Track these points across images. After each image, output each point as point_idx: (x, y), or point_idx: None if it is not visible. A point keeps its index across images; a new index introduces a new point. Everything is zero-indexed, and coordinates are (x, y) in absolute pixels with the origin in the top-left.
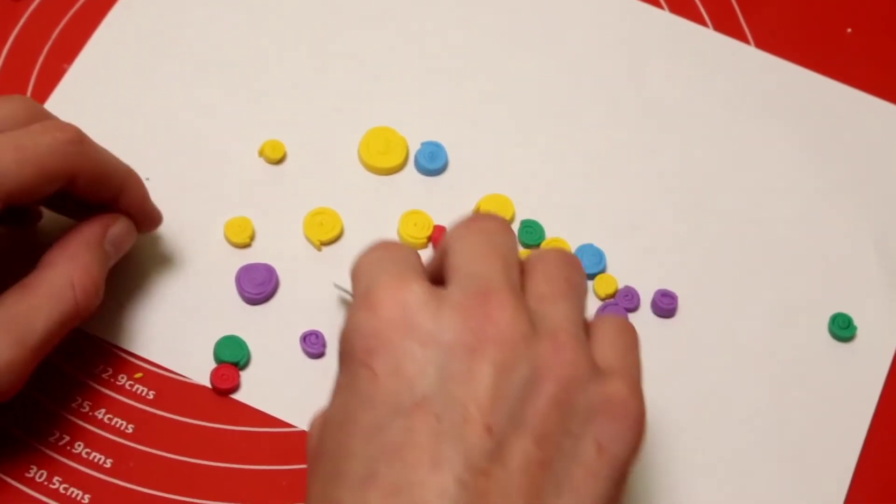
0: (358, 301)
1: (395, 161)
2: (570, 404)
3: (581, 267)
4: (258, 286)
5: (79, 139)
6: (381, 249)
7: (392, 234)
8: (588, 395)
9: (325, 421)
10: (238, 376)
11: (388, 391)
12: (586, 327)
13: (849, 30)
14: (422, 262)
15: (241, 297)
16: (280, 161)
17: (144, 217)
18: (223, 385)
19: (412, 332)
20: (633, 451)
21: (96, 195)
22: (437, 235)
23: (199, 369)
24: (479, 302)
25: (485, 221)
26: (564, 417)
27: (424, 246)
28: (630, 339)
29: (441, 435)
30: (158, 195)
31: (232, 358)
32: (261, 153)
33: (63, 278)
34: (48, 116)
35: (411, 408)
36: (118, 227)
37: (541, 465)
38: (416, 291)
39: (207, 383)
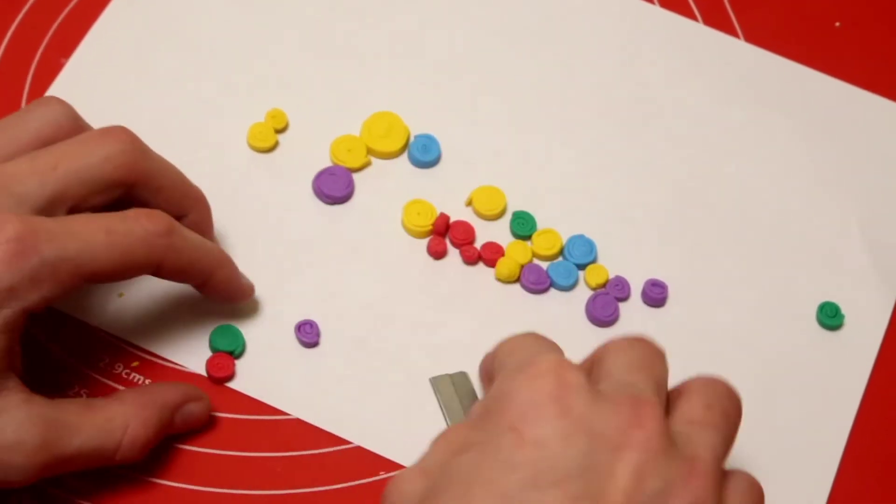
0: (517, 368)
1: (394, 146)
2: None
3: (740, 404)
4: None
5: (167, 231)
6: (536, 336)
7: (395, 224)
8: None
9: (444, 473)
10: (233, 365)
11: (532, 460)
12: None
13: (837, 23)
14: None
15: None
16: (272, 149)
17: (231, 297)
18: (218, 374)
19: (567, 412)
20: None
21: (182, 280)
22: (440, 224)
23: (194, 358)
24: (633, 404)
25: (647, 344)
26: None
27: (427, 235)
28: (758, 499)
29: None
30: None
31: (227, 347)
32: (249, 141)
33: (121, 419)
34: (86, 127)
35: (550, 484)
36: (196, 407)
37: None
38: (577, 375)
39: (203, 372)
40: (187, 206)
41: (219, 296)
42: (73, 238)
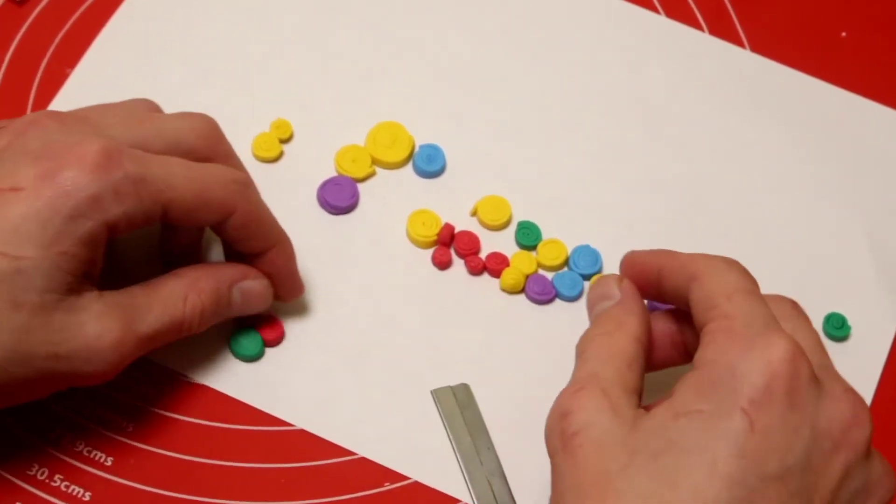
0: (748, 341)
1: (399, 156)
2: None
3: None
4: None
5: (245, 182)
6: (744, 274)
7: (400, 235)
8: None
9: (660, 431)
10: (283, 326)
11: (759, 449)
12: None
13: (843, 33)
14: None
15: None
16: (277, 159)
17: (285, 284)
18: (270, 336)
19: (797, 406)
20: None
21: (245, 242)
22: (445, 235)
23: (198, 369)
24: (853, 405)
25: (801, 310)
26: None
27: (432, 245)
28: None
29: None
30: None
31: (249, 351)
32: (254, 151)
33: (180, 290)
34: (227, 148)
35: (774, 476)
36: (255, 283)
37: None
38: (808, 367)
39: (206, 382)
40: (274, 243)
41: (275, 274)
42: (156, 163)
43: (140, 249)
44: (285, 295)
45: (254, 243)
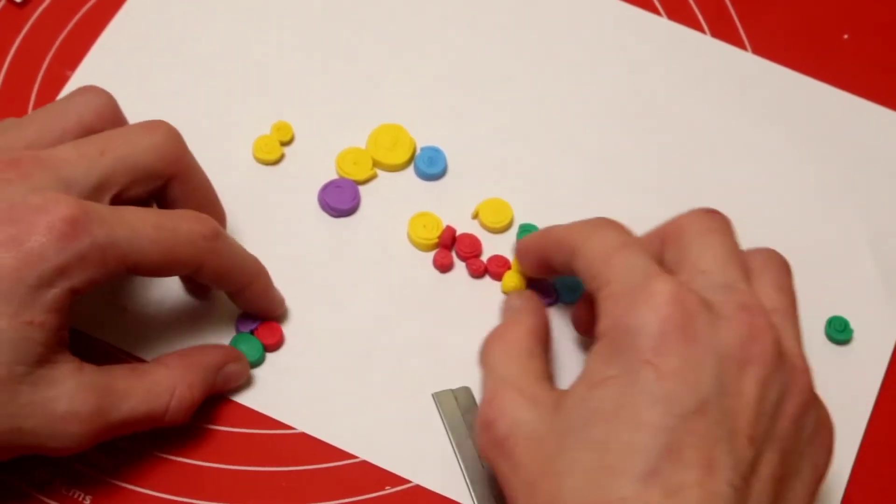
0: (632, 295)
1: (400, 159)
2: (803, 425)
3: (792, 275)
4: None
5: (213, 235)
6: (618, 228)
7: (401, 237)
8: (811, 417)
9: (582, 406)
10: (282, 331)
11: (672, 392)
12: None
13: (846, 36)
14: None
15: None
16: (278, 161)
17: (265, 310)
18: (270, 340)
19: (693, 338)
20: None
21: (219, 286)
22: (447, 237)
23: None
24: (747, 319)
25: (719, 218)
26: (798, 436)
27: (433, 248)
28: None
29: (717, 441)
30: None
31: (249, 357)
32: (255, 153)
33: (168, 382)
34: (124, 116)
35: (693, 411)
36: (236, 366)
37: (780, 479)
38: (694, 297)
39: None
40: (212, 213)
41: (252, 307)
42: (123, 226)
43: None
44: (267, 317)
45: (227, 288)
